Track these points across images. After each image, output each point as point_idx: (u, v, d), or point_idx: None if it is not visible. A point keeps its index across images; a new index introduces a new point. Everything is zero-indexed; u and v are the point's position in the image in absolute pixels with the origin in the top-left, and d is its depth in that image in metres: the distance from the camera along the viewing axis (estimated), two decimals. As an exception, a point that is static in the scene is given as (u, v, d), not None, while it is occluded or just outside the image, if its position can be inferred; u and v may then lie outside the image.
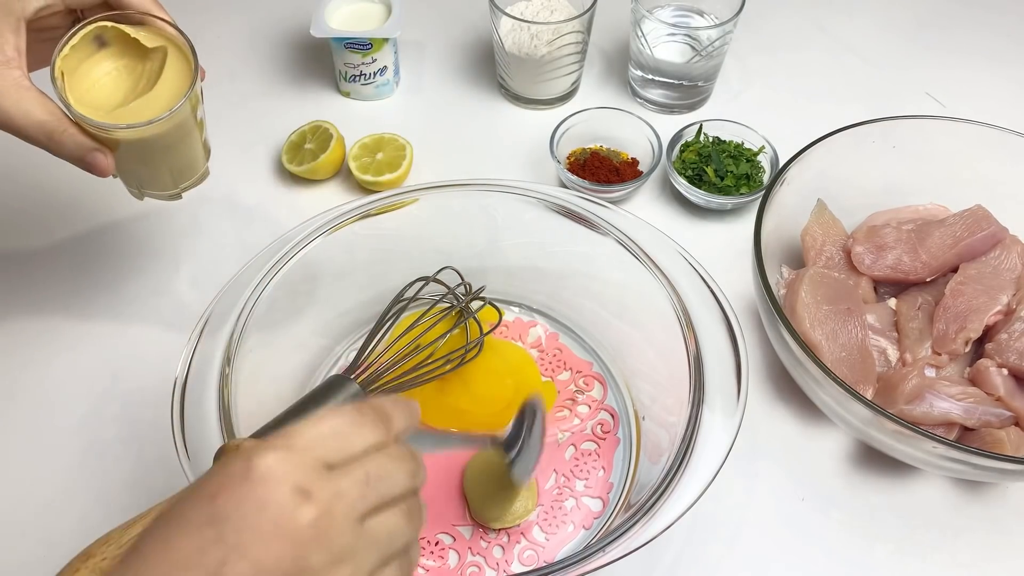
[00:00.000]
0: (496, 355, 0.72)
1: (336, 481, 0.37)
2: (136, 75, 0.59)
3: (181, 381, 0.58)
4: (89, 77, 0.58)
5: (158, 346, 0.74)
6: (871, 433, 0.63)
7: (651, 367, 0.69)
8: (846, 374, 0.67)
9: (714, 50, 0.87)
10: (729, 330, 0.62)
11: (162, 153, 0.61)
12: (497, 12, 0.88)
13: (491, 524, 0.64)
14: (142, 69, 0.59)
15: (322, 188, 0.86)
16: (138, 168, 0.62)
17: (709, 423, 0.58)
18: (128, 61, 0.59)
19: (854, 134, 0.74)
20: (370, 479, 0.38)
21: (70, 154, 0.57)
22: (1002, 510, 0.67)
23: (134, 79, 0.59)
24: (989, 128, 0.75)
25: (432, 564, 0.63)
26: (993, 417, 0.65)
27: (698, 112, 0.94)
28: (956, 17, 1.04)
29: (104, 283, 0.79)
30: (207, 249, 0.81)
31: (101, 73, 0.59)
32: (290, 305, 0.66)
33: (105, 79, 0.59)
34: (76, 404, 0.72)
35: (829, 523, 0.67)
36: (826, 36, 1.02)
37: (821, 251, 0.75)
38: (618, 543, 0.52)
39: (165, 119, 0.57)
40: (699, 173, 0.84)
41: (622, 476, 0.67)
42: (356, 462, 0.39)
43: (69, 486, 0.67)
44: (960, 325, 0.69)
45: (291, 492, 0.36)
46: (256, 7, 1.02)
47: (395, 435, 0.42)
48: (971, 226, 0.73)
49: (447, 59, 0.99)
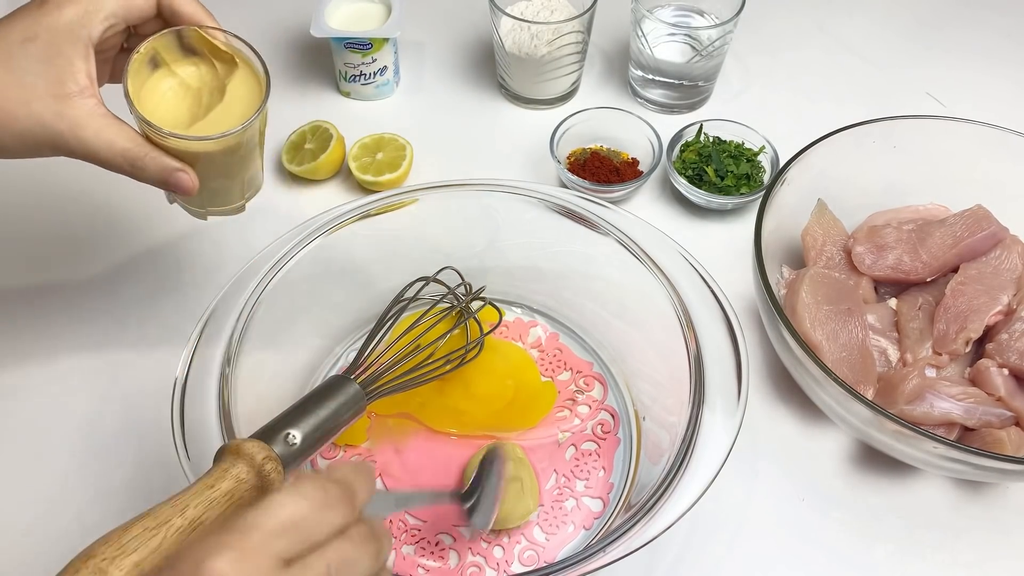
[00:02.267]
0: (496, 355, 0.72)
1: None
2: (193, 91, 0.59)
3: (181, 381, 0.58)
4: (153, 96, 0.57)
5: (158, 346, 0.74)
6: (871, 433, 0.63)
7: (651, 367, 0.69)
8: (846, 374, 0.67)
9: (714, 50, 0.87)
10: (729, 330, 0.62)
11: (239, 164, 0.60)
12: (497, 12, 0.88)
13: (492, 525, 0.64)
14: (199, 84, 0.59)
15: (322, 188, 0.86)
16: (214, 182, 0.61)
17: (709, 423, 0.58)
18: (182, 78, 0.59)
19: (854, 134, 0.74)
20: (331, 571, 0.37)
21: (153, 177, 0.55)
22: (1002, 510, 0.67)
23: (192, 95, 0.58)
24: (989, 128, 0.75)
25: (432, 564, 0.63)
26: (993, 417, 0.65)
27: (698, 112, 0.94)
28: (956, 17, 1.04)
29: (104, 283, 0.79)
30: (207, 249, 0.81)
31: (164, 90, 0.58)
32: (290, 305, 0.66)
33: (168, 95, 0.58)
34: (76, 404, 0.72)
35: (829, 523, 0.67)
36: (826, 36, 1.02)
37: (821, 251, 0.75)
38: (618, 543, 0.52)
39: (253, 120, 0.56)
40: (699, 173, 0.84)
41: (622, 476, 0.67)
42: (317, 552, 0.37)
43: (69, 486, 0.67)
44: (961, 325, 0.69)
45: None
46: (256, 6, 1.02)
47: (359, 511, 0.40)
48: (971, 226, 0.73)
49: (447, 59, 0.99)
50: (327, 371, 0.72)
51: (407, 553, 0.63)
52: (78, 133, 0.51)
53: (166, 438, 0.56)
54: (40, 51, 0.50)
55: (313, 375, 0.71)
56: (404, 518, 0.65)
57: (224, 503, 0.47)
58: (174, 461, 0.55)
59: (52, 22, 0.50)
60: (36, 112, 0.51)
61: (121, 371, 0.73)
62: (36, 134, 0.51)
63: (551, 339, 0.75)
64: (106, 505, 0.66)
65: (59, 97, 0.51)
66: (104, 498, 0.67)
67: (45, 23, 0.50)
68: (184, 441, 0.56)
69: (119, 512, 0.47)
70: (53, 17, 0.51)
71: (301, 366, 0.70)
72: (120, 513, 0.46)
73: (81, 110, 0.51)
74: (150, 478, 0.68)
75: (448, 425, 0.69)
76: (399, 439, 0.68)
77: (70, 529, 0.65)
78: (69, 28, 0.50)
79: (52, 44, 0.50)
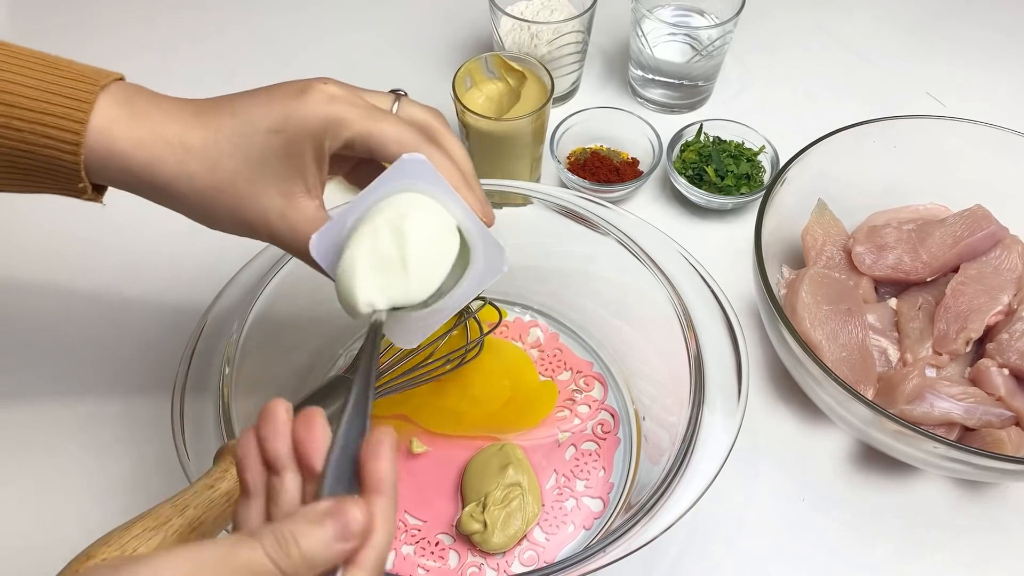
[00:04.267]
0: (492, 355, 0.72)
1: None
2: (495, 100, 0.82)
3: (181, 381, 0.58)
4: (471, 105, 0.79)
5: (158, 346, 0.74)
6: (872, 433, 0.63)
7: (651, 367, 0.69)
8: (846, 374, 0.67)
9: (714, 50, 0.87)
10: (730, 330, 0.62)
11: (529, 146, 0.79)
12: (497, 12, 0.88)
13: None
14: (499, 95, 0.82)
15: (322, 188, 0.86)
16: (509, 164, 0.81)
17: (710, 423, 0.58)
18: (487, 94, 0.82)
19: (854, 134, 0.74)
20: None
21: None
22: (1002, 510, 0.67)
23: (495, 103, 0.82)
24: (989, 128, 0.75)
25: (432, 564, 0.63)
26: (994, 417, 0.65)
27: (698, 112, 0.94)
28: (957, 16, 1.04)
29: (104, 283, 0.79)
30: (207, 249, 0.81)
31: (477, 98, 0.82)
32: (290, 305, 0.66)
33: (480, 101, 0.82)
34: (76, 404, 0.72)
35: (829, 523, 0.67)
36: (826, 36, 1.02)
37: (821, 251, 0.75)
38: (618, 543, 0.52)
39: (540, 109, 0.77)
40: (699, 173, 0.84)
41: (622, 476, 0.67)
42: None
43: (69, 486, 0.67)
44: (961, 325, 0.69)
45: None
46: (257, 6, 1.02)
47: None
48: (971, 226, 0.73)
49: (447, 59, 0.99)
50: (327, 371, 0.72)
51: (407, 553, 0.63)
52: (296, 236, 0.50)
53: (166, 438, 0.56)
54: (283, 146, 0.48)
55: (313, 375, 0.71)
56: (404, 518, 0.65)
57: (224, 503, 0.47)
58: (174, 461, 0.55)
59: (302, 119, 0.47)
60: (263, 208, 0.49)
61: (121, 371, 0.73)
62: (255, 226, 0.50)
63: (551, 339, 0.75)
64: (106, 505, 0.66)
65: (287, 196, 0.49)
66: (104, 498, 0.67)
67: (296, 119, 0.47)
68: (184, 441, 0.56)
69: (119, 512, 0.47)
70: (303, 114, 0.47)
71: (301, 366, 0.70)
72: (120, 513, 0.46)
73: (304, 213, 0.49)
74: (150, 478, 0.68)
75: (446, 428, 0.69)
76: (399, 439, 0.68)
77: (70, 529, 0.65)
78: (316, 133, 0.48)
79: (295, 142, 0.48)
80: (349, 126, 0.48)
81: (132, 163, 0.48)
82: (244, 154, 0.48)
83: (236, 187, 0.48)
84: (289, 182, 0.49)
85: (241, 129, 0.48)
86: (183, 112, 0.49)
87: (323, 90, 0.48)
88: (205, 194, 0.49)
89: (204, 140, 0.48)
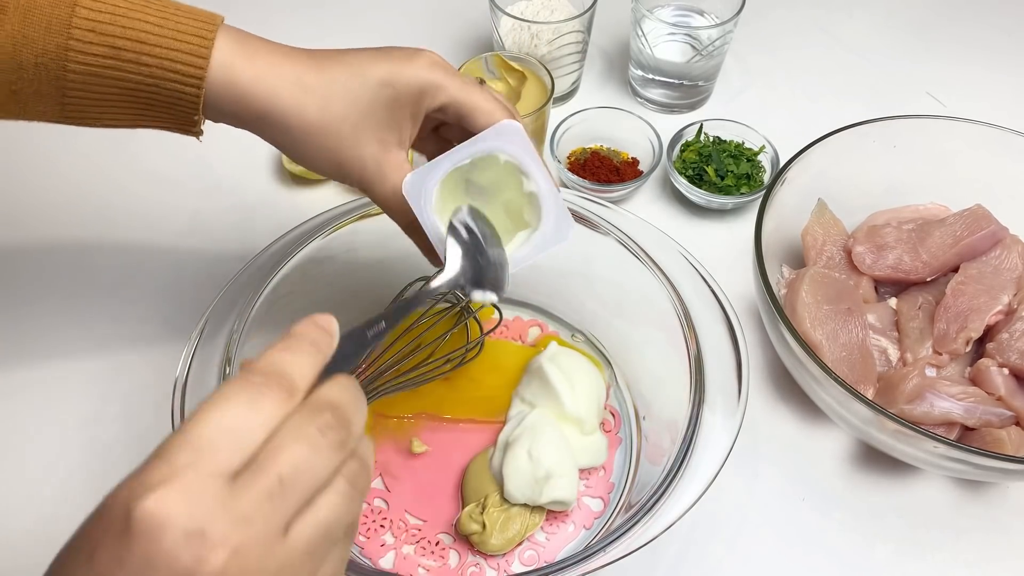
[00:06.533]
0: (494, 356, 0.72)
1: (240, 501, 0.31)
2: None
3: (181, 381, 0.58)
4: None
5: (158, 346, 0.74)
6: (872, 433, 0.63)
7: (651, 367, 0.69)
8: (847, 374, 0.67)
9: (714, 49, 0.87)
10: (730, 330, 0.62)
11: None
12: (497, 11, 0.88)
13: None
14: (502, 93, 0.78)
15: (322, 188, 0.86)
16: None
17: (710, 423, 0.58)
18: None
19: (854, 134, 0.74)
20: (284, 481, 0.32)
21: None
22: (1003, 510, 0.67)
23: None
24: (989, 128, 0.75)
25: (432, 564, 0.63)
26: (994, 417, 0.65)
27: (698, 112, 0.94)
28: (957, 16, 1.04)
29: (104, 283, 0.79)
30: (207, 249, 0.81)
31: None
32: (290, 305, 0.66)
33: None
34: (76, 404, 0.72)
35: (829, 523, 0.67)
36: (826, 35, 1.02)
37: (822, 251, 0.75)
38: (619, 543, 0.52)
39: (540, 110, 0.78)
40: (699, 173, 0.84)
41: (623, 476, 0.67)
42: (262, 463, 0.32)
43: (69, 486, 0.67)
44: (961, 325, 0.69)
45: (183, 540, 0.29)
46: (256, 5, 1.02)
47: (303, 388, 0.35)
48: (971, 225, 0.73)
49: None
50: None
51: (407, 553, 0.63)
52: (384, 181, 0.54)
53: (166, 438, 0.56)
54: (390, 99, 0.52)
55: (313, 375, 0.70)
56: (404, 517, 0.65)
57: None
58: (174, 461, 0.55)
59: (410, 78, 0.52)
60: (360, 153, 0.53)
61: (121, 371, 0.73)
62: (349, 169, 0.54)
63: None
64: (106, 505, 0.66)
65: (383, 144, 0.53)
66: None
67: (405, 76, 0.52)
68: (184, 441, 0.56)
69: (119, 512, 0.47)
70: (412, 73, 0.52)
71: (301, 366, 0.70)
72: (120, 513, 0.46)
73: (394, 161, 0.54)
74: (150, 478, 0.67)
75: (471, 412, 0.69)
76: (400, 438, 0.68)
77: (70, 530, 0.65)
78: (419, 92, 0.52)
79: (401, 97, 0.52)
80: (447, 91, 0.53)
81: (252, 95, 0.51)
82: (354, 101, 0.52)
83: (341, 130, 0.52)
84: (387, 132, 0.53)
85: (354, 79, 0.52)
86: (298, 55, 0.53)
87: (429, 57, 0.54)
88: (311, 130, 0.52)
89: (319, 82, 0.52)
